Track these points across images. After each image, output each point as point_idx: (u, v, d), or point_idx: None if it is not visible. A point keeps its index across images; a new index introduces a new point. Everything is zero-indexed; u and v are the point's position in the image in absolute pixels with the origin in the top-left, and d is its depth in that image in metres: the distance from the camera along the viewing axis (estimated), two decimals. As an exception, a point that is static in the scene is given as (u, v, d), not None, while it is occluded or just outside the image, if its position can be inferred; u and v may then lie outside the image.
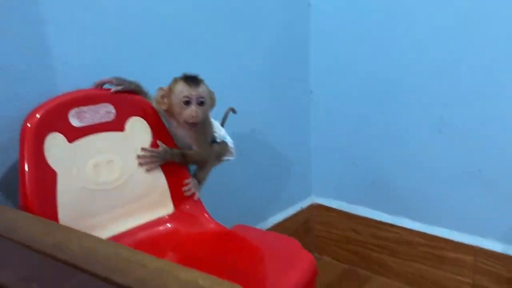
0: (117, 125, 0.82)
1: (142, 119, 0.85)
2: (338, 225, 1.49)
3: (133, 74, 0.86)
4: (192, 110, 0.81)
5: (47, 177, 0.72)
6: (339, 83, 1.38)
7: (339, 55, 1.36)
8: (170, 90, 0.82)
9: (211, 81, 0.85)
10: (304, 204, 1.53)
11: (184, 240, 0.84)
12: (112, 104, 0.81)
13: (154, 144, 0.86)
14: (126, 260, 0.41)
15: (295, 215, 1.49)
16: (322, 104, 1.43)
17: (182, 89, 0.81)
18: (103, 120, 0.80)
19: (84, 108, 0.78)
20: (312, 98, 1.44)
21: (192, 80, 0.82)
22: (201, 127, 0.86)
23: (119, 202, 0.81)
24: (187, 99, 0.81)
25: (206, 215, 0.87)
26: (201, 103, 0.82)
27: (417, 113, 1.24)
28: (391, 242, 1.37)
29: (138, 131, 0.84)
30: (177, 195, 0.87)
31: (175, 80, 0.83)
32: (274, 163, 1.39)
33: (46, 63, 0.81)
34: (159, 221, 0.86)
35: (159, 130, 0.87)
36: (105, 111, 0.81)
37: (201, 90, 0.82)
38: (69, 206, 0.74)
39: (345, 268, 1.47)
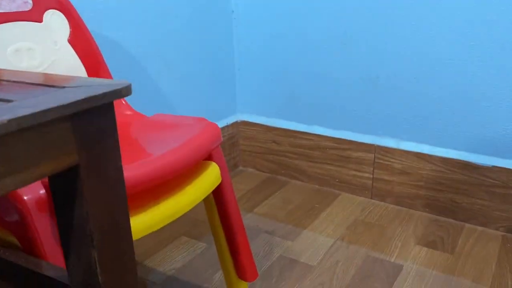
0: (34, 16, 0.87)
1: (59, 12, 0.91)
2: (260, 139, 1.63)
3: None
4: None
5: (-33, 56, 0.77)
6: (259, 2, 1.47)
7: (257, -25, 1.45)
8: None
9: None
10: (229, 120, 1.64)
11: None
12: (29, -6, 0.86)
13: (72, 37, 0.92)
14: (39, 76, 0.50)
15: (221, 130, 1.60)
16: (243, 23, 1.53)
17: None
18: (20, 9, 0.85)
19: (0, -4, 0.82)
20: (233, 17, 1.53)
21: None
22: None
23: (41, 88, 0.88)
24: None
25: (124, 102, 0.96)
26: None
27: (325, 29, 1.37)
28: (306, 149, 1.53)
29: (56, 24, 0.90)
30: (97, 85, 0.95)
31: None
32: (199, 82, 1.48)
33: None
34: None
35: (76, 25, 0.93)
36: (22, 1, 0.86)
37: None
38: (-9, 85, 0.80)
39: (267, 176, 1.62)
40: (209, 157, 0.87)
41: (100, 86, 0.44)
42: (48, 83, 0.46)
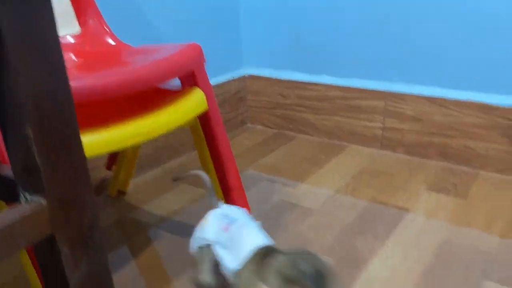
0: None
1: None
2: (267, 92, 1.57)
3: None
4: None
5: None
6: None
7: None
8: None
9: None
10: (235, 74, 1.59)
11: (88, 55, 0.89)
12: None
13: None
14: None
15: (226, 84, 1.54)
16: (246, -30, 1.46)
17: None
18: None
19: None
20: (236, -36, 1.47)
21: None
22: None
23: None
24: None
25: (107, 30, 0.92)
26: None
27: (331, -34, 1.29)
28: (313, 100, 1.46)
29: None
30: (81, 12, 0.92)
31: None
32: (200, 31, 1.42)
33: None
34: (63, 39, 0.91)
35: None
36: None
37: None
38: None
39: (274, 132, 1.57)
40: (194, 84, 0.83)
41: None
42: None
